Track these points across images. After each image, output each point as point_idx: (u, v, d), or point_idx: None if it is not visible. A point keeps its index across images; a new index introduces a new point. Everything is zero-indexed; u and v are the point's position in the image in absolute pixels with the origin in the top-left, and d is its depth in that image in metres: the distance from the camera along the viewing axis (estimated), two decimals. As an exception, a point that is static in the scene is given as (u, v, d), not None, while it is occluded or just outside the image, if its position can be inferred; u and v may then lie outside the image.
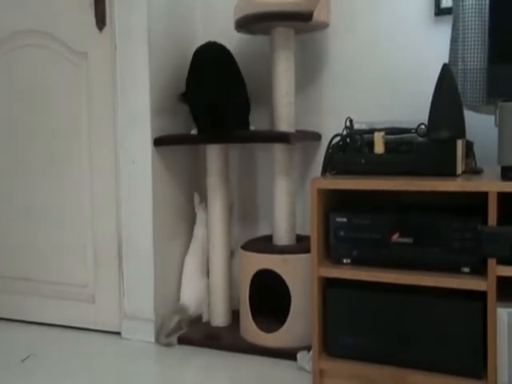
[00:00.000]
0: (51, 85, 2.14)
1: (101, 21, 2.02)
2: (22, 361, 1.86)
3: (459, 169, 1.50)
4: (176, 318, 2.03)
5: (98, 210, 2.10)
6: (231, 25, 1.96)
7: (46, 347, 1.97)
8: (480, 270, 1.40)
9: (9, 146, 2.24)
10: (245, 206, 2.25)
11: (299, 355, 1.75)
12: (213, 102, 1.88)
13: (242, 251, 1.94)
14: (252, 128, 2.00)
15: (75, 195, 2.13)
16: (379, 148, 1.57)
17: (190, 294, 2.08)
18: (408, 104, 1.93)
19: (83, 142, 2.10)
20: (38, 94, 2.16)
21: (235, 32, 1.99)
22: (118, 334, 2.08)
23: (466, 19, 1.66)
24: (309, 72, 2.09)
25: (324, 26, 1.90)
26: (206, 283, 2.10)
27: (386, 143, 1.57)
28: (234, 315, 2.07)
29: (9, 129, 2.24)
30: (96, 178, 2.09)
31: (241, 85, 1.97)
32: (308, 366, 1.68)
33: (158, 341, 1.98)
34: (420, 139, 1.54)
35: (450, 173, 1.48)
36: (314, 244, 1.54)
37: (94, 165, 2.09)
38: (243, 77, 1.97)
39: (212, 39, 1.96)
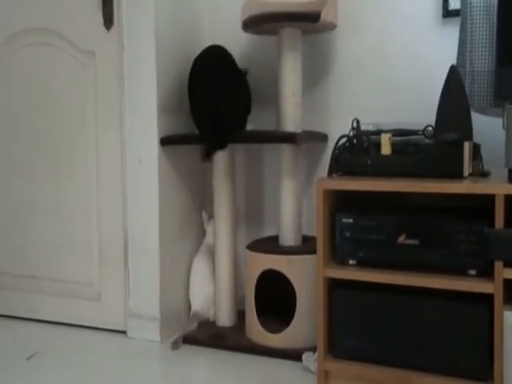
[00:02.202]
0: (58, 83, 2.14)
1: (108, 20, 2.02)
2: (28, 359, 1.86)
3: (466, 171, 1.49)
4: (194, 325, 2.06)
5: (104, 209, 2.10)
6: (238, 25, 1.96)
7: (52, 345, 1.98)
8: (487, 273, 1.39)
9: (15, 143, 2.25)
10: (251, 207, 2.25)
11: (304, 356, 1.75)
12: (210, 104, 1.89)
13: (247, 251, 1.94)
14: (250, 127, 2.00)
15: (81, 193, 2.14)
16: (386, 149, 1.57)
17: (201, 300, 2.09)
18: (415, 106, 1.93)
19: (90, 141, 2.11)
20: (45, 93, 2.17)
21: (242, 32, 1.99)
22: (124, 332, 2.08)
23: (474, 21, 1.66)
24: (316, 73, 2.09)
25: (331, 27, 1.90)
26: (213, 287, 2.11)
27: (393, 144, 1.57)
28: (240, 315, 2.07)
29: (15, 127, 2.24)
30: (102, 177, 2.09)
31: (238, 86, 1.96)
32: (313, 366, 1.69)
33: (174, 348, 1.95)
34: (427, 141, 1.54)
35: (457, 175, 1.48)
36: (320, 245, 1.54)
37: (101, 163, 2.09)
38: (242, 77, 1.97)
39: (219, 39, 1.97)
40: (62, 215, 2.18)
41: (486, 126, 1.78)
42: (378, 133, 1.60)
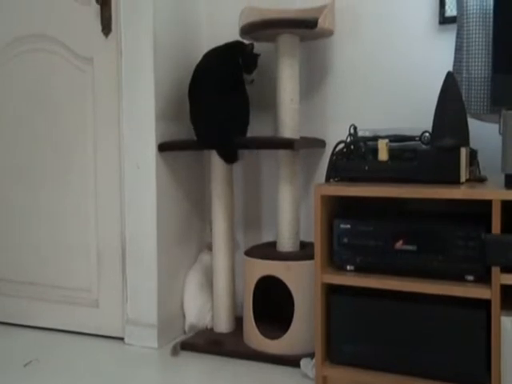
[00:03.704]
0: (57, 90, 2.15)
1: (107, 27, 2.03)
2: (25, 366, 1.86)
3: (463, 177, 1.50)
4: (191, 334, 2.06)
5: (102, 215, 2.10)
6: (237, 31, 1.97)
7: (49, 352, 1.97)
8: (484, 279, 1.40)
9: (14, 149, 2.25)
10: (249, 213, 2.25)
11: (302, 362, 1.75)
12: (210, 114, 1.90)
13: (245, 257, 1.94)
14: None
15: (80, 200, 2.14)
16: (383, 155, 1.58)
17: (195, 311, 2.09)
18: (412, 112, 1.93)
19: (88, 147, 2.11)
20: (44, 99, 2.17)
21: (241, 39, 1.99)
22: (121, 339, 2.08)
23: (471, 28, 1.67)
24: (313, 79, 2.10)
25: (329, 33, 1.91)
26: (209, 297, 2.11)
27: (390, 150, 1.58)
28: (238, 321, 2.06)
29: (14, 133, 2.25)
30: (100, 183, 2.10)
31: (239, 94, 1.96)
32: (311, 373, 1.68)
33: (173, 354, 1.95)
34: (424, 147, 1.55)
35: (454, 181, 1.48)
36: (318, 250, 1.54)
37: (99, 169, 2.09)
38: (242, 85, 1.97)
39: (217, 45, 1.98)
40: (60, 221, 2.18)
41: (482, 132, 1.78)
42: (375, 139, 1.61)
